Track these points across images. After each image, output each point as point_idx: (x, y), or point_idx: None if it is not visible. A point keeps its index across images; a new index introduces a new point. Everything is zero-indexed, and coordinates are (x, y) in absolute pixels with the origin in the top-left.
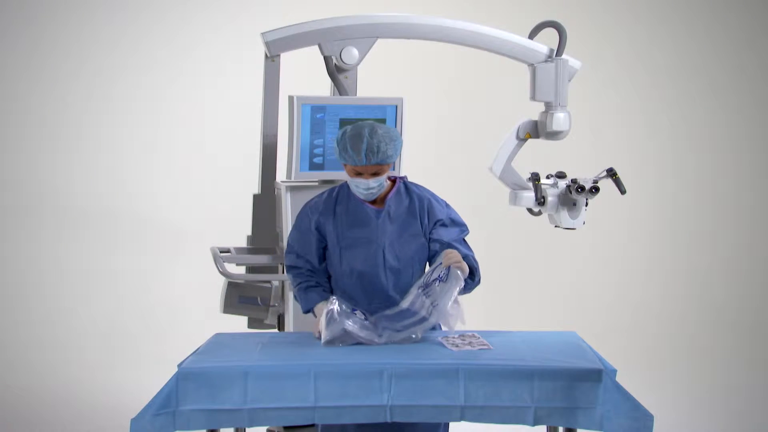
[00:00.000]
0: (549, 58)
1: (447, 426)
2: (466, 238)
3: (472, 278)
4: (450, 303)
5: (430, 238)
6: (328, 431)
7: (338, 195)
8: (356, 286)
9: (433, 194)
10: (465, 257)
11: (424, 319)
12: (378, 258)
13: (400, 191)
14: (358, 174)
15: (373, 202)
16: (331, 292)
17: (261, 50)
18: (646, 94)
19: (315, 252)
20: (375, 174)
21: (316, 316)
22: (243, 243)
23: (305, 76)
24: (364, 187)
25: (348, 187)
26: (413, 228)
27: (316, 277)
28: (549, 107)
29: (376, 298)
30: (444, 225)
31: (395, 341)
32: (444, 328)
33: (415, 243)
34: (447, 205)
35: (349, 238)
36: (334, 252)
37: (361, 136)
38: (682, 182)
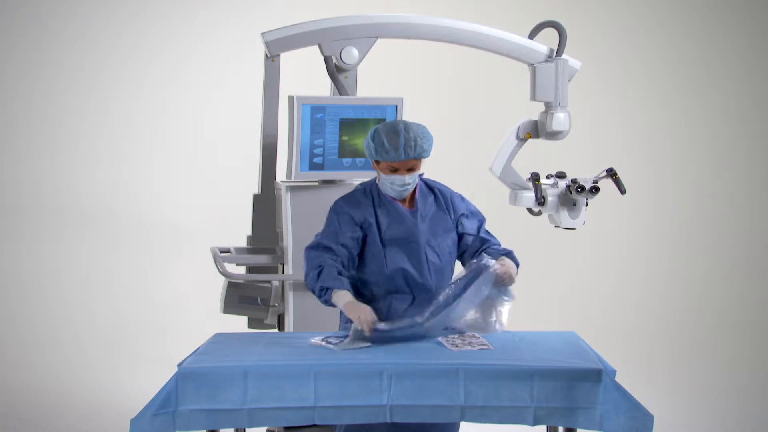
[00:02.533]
0: (549, 58)
1: (457, 426)
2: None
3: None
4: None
5: (458, 231)
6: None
7: (372, 195)
8: (402, 284)
9: (449, 188)
10: (506, 253)
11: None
12: (421, 257)
13: (423, 189)
14: (394, 170)
15: (403, 202)
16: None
17: (261, 50)
18: (646, 94)
19: (355, 248)
20: (410, 170)
21: (332, 301)
22: (243, 243)
23: (305, 76)
24: (400, 183)
25: (377, 188)
26: (446, 223)
27: (347, 271)
28: (549, 107)
29: (420, 295)
30: (466, 217)
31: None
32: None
33: (450, 238)
34: (462, 198)
35: (389, 237)
36: (377, 253)
37: (398, 131)
38: (682, 182)
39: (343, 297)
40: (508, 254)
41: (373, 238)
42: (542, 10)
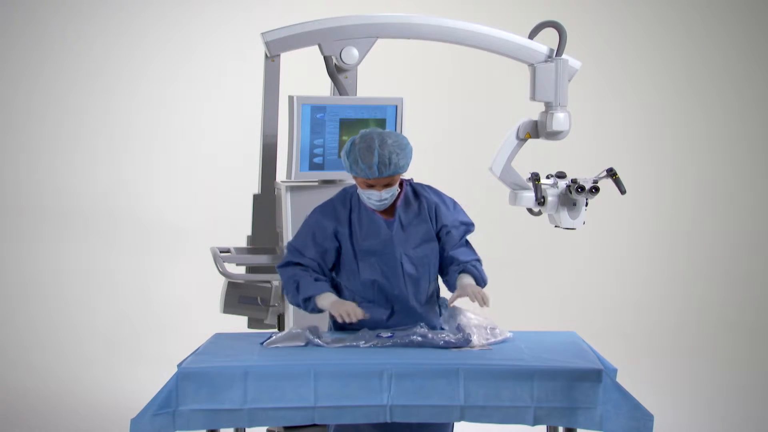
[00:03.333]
0: (549, 58)
1: (451, 426)
2: (470, 236)
3: (481, 279)
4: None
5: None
6: (342, 431)
7: (351, 203)
8: (377, 295)
9: (439, 195)
10: (468, 266)
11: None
12: (397, 268)
13: (408, 196)
14: (370, 186)
15: (383, 211)
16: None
17: (261, 50)
18: (646, 94)
19: (327, 260)
20: (387, 185)
21: (318, 306)
22: (243, 243)
23: (305, 76)
24: (377, 198)
25: (357, 194)
26: (425, 233)
27: (324, 276)
28: (549, 107)
29: (396, 306)
30: (449, 231)
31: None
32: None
33: (429, 248)
34: (454, 206)
35: (364, 249)
36: (351, 263)
37: (372, 148)
38: (682, 182)
39: (327, 299)
40: (465, 270)
41: (347, 248)
42: (542, 10)
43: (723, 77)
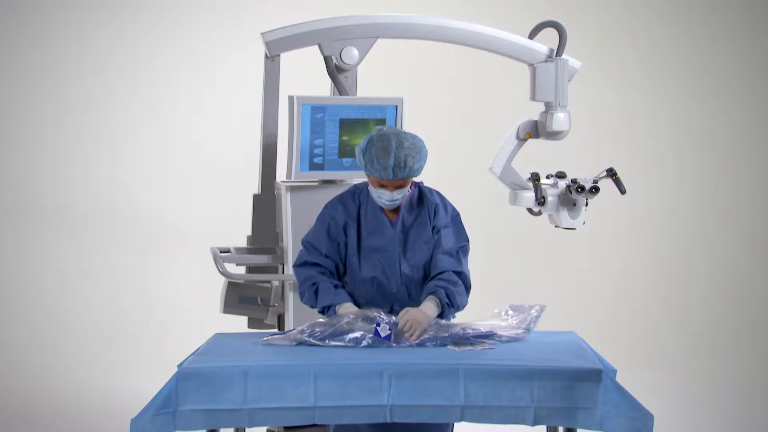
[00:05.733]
0: (549, 58)
1: (451, 426)
2: (465, 255)
3: (450, 306)
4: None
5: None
6: (342, 431)
7: (360, 199)
8: (375, 292)
9: (444, 201)
10: (442, 287)
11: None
12: (395, 267)
13: (413, 198)
14: (382, 186)
15: (389, 210)
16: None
17: (261, 50)
18: (647, 93)
19: (341, 254)
20: (399, 186)
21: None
22: (243, 243)
23: (305, 76)
24: (387, 198)
25: (367, 190)
26: (425, 235)
27: (339, 280)
28: (549, 107)
29: (395, 305)
30: (440, 232)
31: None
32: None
33: (428, 250)
34: (455, 217)
35: (367, 246)
36: (353, 257)
37: (388, 150)
38: (682, 182)
39: (347, 310)
40: (435, 292)
41: (352, 243)
42: (542, 10)
43: (724, 77)
